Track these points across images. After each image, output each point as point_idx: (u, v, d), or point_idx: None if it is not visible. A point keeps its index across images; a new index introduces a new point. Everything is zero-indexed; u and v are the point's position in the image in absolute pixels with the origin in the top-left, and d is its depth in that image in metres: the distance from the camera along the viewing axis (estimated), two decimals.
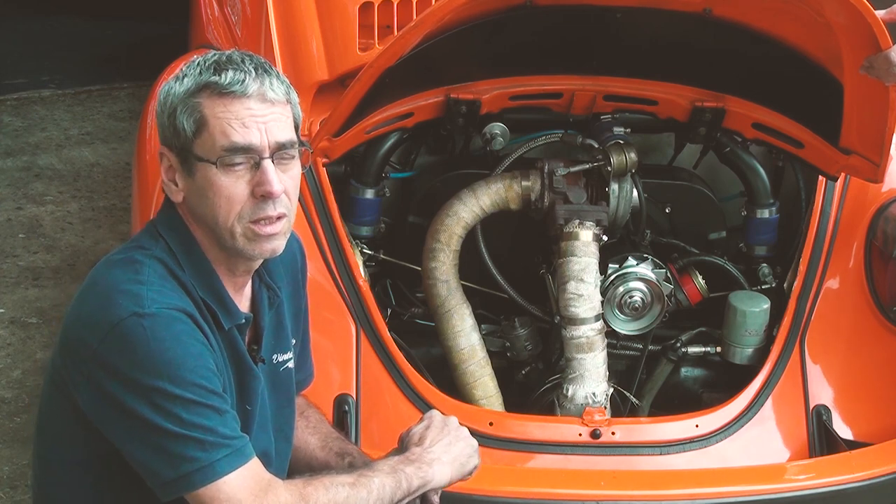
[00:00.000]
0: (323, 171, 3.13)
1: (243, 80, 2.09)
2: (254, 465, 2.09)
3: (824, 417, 3.05)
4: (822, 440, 3.03)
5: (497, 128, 3.37)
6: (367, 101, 2.94)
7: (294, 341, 2.39)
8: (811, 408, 3.07)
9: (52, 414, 2.20)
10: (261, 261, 2.23)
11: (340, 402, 2.95)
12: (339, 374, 2.99)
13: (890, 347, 3.15)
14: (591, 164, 3.25)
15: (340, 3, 3.42)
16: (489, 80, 3.25)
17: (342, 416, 2.91)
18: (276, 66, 3.35)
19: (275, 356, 2.31)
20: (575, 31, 3.09)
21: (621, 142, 3.24)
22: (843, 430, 3.05)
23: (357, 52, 3.36)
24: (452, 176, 3.37)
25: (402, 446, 2.31)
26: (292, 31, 3.43)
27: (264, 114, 2.11)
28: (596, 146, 3.26)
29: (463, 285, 3.24)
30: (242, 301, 2.24)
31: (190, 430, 2.03)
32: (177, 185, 2.14)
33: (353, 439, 2.89)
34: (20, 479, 3.67)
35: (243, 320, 2.21)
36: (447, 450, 2.29)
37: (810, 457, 3.02)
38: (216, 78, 2.09)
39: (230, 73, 2.10)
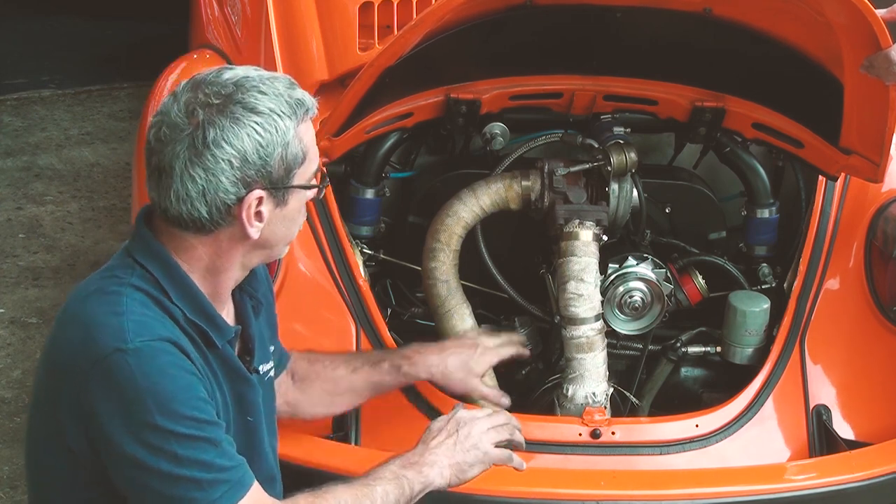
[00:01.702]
0: (323, 171, 3.13)
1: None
2: (254, 493, 2.07)
3: (824, 417, 3.05)
4: (822, 440, 3.03)
5: (497, 128, 3.36)
6: (366, 101, 2.94)
7: (273, 348, 2.39)
8: (811, 408, 3.07)
9: (44, 415, 2.16)
10: None
11: None
12: None
13: (890, 347, 3.14)
14: (591, 164, 3.25)
15: (340, 3, 3.42)
16: (489, 80, 3.24)
17: (342, 415, 2.91)
18: (276, 66, 3.38)
19: (261, 366, 2.30)
20: (575, 31, 3.09)
21: (621, 142, 3.23)
22: (843, 430, 3.04)
23: (357, 52, 3.36)
24: (452, 176, 3.37)
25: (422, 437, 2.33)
26: (292, 31, 3.43)
27: None
28: (596, 146, 3.26)
29: (463, 285, 3.24)
30: (228, 316, 2.23)
31: (187, 468, 1.99)
32: (261, 221, 2.08)
33: (353, 439, 2.90)
34: (20, 479, 3.67)
35: (233, 334, 2.19)
36: (450, 453, 2.30)
37: (810, 457, 3.02)
38: (305, 103, 2.07)
39: (304, 94, 2.08)
